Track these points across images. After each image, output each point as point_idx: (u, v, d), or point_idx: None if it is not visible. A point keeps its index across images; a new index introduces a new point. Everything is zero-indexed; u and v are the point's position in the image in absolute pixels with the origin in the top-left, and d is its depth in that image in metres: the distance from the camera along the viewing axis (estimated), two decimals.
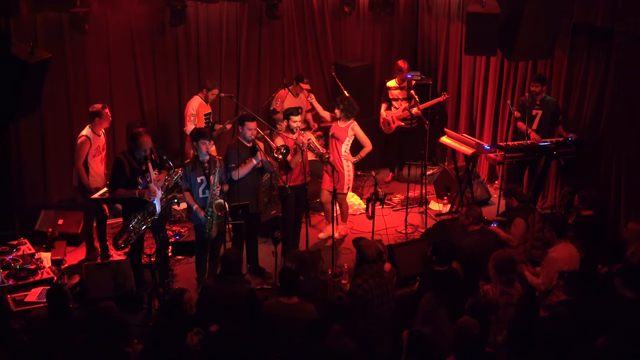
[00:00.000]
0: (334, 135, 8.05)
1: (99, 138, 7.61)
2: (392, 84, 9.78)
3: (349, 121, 8.02)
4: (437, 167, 10.46)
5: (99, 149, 7.59)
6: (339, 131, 8.03)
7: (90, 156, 7.49)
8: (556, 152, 8.36)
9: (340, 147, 8.01)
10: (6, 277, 6.91)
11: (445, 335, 5.22)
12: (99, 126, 7.57)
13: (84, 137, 7.45)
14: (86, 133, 7.49)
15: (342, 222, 8.39)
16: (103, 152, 7.70)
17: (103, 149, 7.69)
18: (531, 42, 7.72)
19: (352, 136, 8.03)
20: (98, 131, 7.58)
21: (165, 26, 9.27)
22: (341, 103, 8.03)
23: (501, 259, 5.66)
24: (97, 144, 7.55)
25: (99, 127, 7.58)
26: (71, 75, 8.74)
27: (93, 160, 7.54)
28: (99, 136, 7.61)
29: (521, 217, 6.97)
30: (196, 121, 8.54)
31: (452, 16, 10.41)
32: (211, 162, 6.94)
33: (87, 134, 7.48)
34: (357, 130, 8.04)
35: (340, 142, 8.00)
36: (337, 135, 8.03)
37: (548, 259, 6.28)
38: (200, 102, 8.66)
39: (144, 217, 6.84)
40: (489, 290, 5.63)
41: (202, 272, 7.20)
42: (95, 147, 7.52)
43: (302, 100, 9.29)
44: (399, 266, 7.09)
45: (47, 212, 8.26)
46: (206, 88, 8.66)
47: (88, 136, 7.47)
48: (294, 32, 10.38)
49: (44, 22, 8.35)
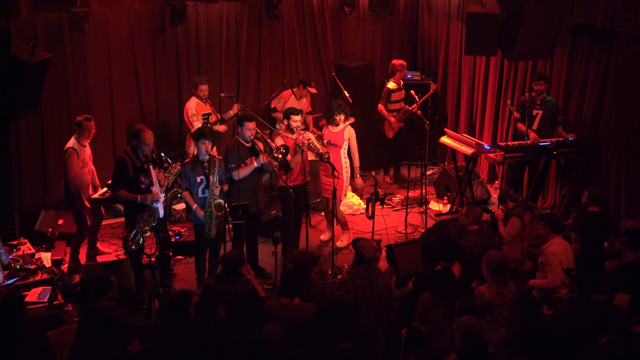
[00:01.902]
0: (330, 142, 7.95)
1: (84, 149, 7.51)
2: (392, 86, 9.73)
3: (342, 125, 7.94)
4: (437, 167, 10.46)
5: (84, 160, 7.51)
6: (334, 136, 7.93)
7: (78, 168, 7.42)
8: (556, 152, 8.36)
9: (340, 153, 7.92)
10: (6, 277, 6.91)
11: (442, 333, 5.23)
12: (82, 137, 7.47)
13: (71, 149, 7.36)
14: (72, 145, 7.40)
15: (344, 231, 8.32)
16: (90, 163, 7.62)
17: (89, 160, 7.62)
18: (531, 42, 7.73)
19: (347, 139, 7.92)
20: (83, 142, 7.49)
21: (165, 26, 9.28)
22: (339, 107, 7.91)
23: (494, 259, 5.66)
24: (83, 156, 7.48)
25: (82, 138, 7.48)
26: (71, 75, 8.74)
27: (81, 171, 7.46)
28: (84, 147, 7.52)
29: (517, 215, 6.98)
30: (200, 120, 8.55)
31: (452, 16, 10.41)
32: (211, 162, 6.94)
33: (72, 146, 7.39)
34: (352, 134, 7.92)
35: (339, 148, 7.91)
36: (333, 142, 7.93)
37: (549, 254, 6.30)
38: (198, 102, 8.66)
39: (150, 216, 6.81)
40: (485, 292, 5.62)
41: (201, 272, 7.21)
42: (82, 158, 7.46)
43: (303, 104, 9.28)
44: (399, 266, 7.09)
45: (47, 212, 8.26)
46: (194, 85, 8.68)
47: (74, 148, 7.38)
48: (294, 32, 10.38)
49: (44, 22, 8.35)
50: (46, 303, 6.53)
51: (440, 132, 9.32)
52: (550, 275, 6.26)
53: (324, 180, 7.97)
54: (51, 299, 6.58)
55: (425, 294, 5.44)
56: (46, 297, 6.60)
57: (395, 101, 9.76)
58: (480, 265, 5.85)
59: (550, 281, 6.26)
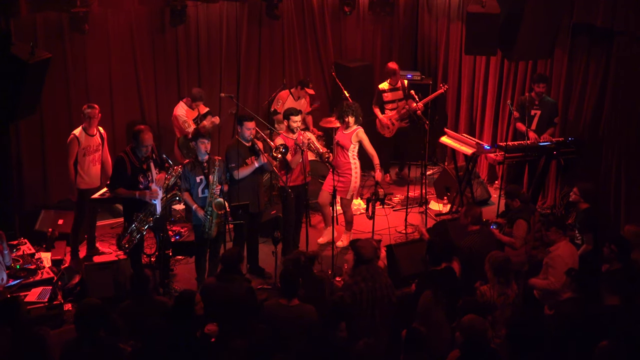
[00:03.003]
0: (339, 143, 7.96)
1: (92, 138, 7.61)
2: (384, 86, 9.72)
3: (354, 128, 7.95)
4: (437, 167, 10.46)
5: (88, 148, 7.58)
6: (343, 138, 7.94)
7: (80, 155, 7.53)
8: (556, 152, 8.36)
9: (347, 154, 7.93)
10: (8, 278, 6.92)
11: (442, 333, 5.23)
12: (89, 126, 7.59)
13: (72, 136, 7.53)
14: (76, 132, 7.55)
15: (347, 231, 8.32)
16: (96, 153, 7.68)
17: (96, 150, 7.67)
18: (531, 42, 7.73)
19: (356, 143, 7.92)
20: (90, 131, 7.60)
21: (165, 26, 9.28)
22: (348, 108, 7.90)
23: (497, 260, 5.66)
24: (87, 144, 7.56)
25: (89, 127, 7.60)
26: (71, 75, 8.74)
27: (83, 159, 7.56)
28: (92, 136, 7.62)
29: (523, 218, 6.96)
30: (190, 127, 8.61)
31: (452, 16, 10.41)
32: (210, 162, 6.95)
33: (75, 133, 7.54)
34: (363, 137, 7.92)
35: (346, 149, 7.93)
36: (341, 143, 7.95)
37: (555, 257, 6.29)
38: (187, 109, 8.74)
39: (146, 216, 6.84)
40: (486, 292, 5.63)
41: (201, 272, 7.20)
42: (84, 146, 7.53)
43: (302, 104, 9.28)
44: (399, 266, 7.10)
45: (47, 212, 8.26)
46: (192, 98, 8.72)
47: (77, 135, 7.52)
48: (294, 32, 10.38)
49: (44, 22, 8.35)
50: (46, 303, 6.53)
51: (440, 132, 9.32)
52: (551, 277, 6.25)
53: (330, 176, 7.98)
54: (51, 299, 6.59)
55: (426, 293, 5.45)
56: (46, 297, 6.60)
57: (389, 101, 9.74)
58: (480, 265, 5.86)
59: (551, 284, 6.24)
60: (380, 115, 9.75)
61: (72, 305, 6.70)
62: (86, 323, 4.86)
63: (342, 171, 7.89)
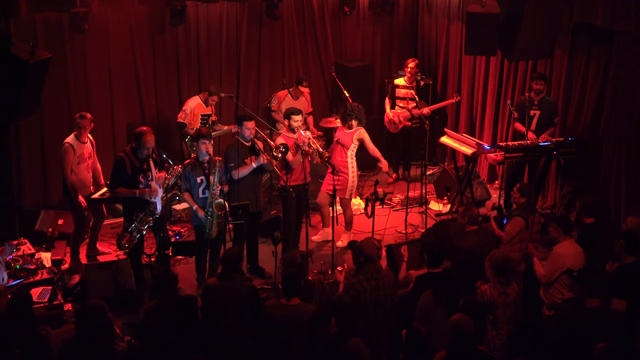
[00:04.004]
0: (339, 142, 8.01)
1: (84, 145, 7.54)
2: (400, 82, 9.74)
3: (356, 128, 7.98)
4: (437, 167, 10.46)
5: (82, 156, 7.52)
6: (345, 137, 7.98)
7: (74, 164, 7.45)
8: (556, 152, 8.36)
9: (346, 153, 7.97)
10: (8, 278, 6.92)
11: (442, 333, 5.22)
12: (80, 134, 7.52)
13: (67, 145, 7.42)
14: (69, 140, 7.46)
15: (346, 231, 8.33)
16: (89, 160, 7.63)
17: (89, 157, 7.62)
18: (531, 42, 7.73)
19: (357, 142, 7.97)
20: (82, 139, 7.53)
21: (165, 26, 9.28)
22: (354, 114, 7.93)
23: (498, 259, 5.67)
24: (80, 152, 7.50)
25: (81, 136, 7.52)
26: (71, 75, 8.75)
27: (77, 167, 7.48)
28: (84, 144, 7.55)
29: (521, 216, 6.98)
30: (187, 119, 8.59)
31: (452, 16, 10.41)
32: (211, 162, 6.95)
33: (69, 141, 7.44)
34: (365, 137, 7.97)
35: (346, 148, 7.96)
36: (342, 142, 7.99)
37: (553, 254, 6.31)
38: (199, 102, 8.70)
39: (146, 216, 6.85)
40: (486, 291, 5.63)
41: (202, 272, 7.21)
42: (79, 154, 7.48)
43: (301, 103, 9.28)
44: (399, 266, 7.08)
45: (47, 212, 8.26)
46: (209, 92, 8.70)
47: (71, 143, 7.42)
48: (294, 32, 10.38)
49: (44, 22, 8.36)
50: (46, 303, 6.53)
51: (440, 132, 9.32)
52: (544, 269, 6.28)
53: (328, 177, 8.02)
54: (51, 299, 6.58)
55: (426, 293, 5.44)
56: (46, 297, 6.60)
57: (402, 98, 9.76)
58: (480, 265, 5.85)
59: (540, 276, 6.27)
60: (388, 111, 9.77)
61: (72, 305, 6.70)
62: (88, 323, 4.85)
63: (339, 170, 7.89)
